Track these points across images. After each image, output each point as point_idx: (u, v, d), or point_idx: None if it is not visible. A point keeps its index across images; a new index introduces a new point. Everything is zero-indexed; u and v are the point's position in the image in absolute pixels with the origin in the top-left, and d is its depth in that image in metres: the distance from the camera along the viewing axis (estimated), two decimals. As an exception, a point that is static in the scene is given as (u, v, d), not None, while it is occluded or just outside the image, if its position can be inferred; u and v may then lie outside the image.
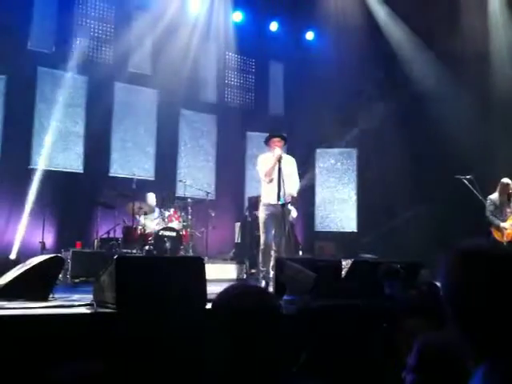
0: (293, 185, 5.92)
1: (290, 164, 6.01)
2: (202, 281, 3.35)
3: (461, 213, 8.18)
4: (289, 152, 6.89)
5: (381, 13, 10.62)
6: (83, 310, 3.12)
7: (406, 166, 9.64)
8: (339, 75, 10.15)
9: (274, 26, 11.32)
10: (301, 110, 10.76)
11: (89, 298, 3.41)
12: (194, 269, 3.37)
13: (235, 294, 1.49)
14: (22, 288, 3.55)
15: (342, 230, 10.77)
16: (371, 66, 10.27)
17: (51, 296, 3.68)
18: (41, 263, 3.68)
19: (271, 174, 5.75)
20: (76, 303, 3.31)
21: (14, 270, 3.75)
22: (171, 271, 3.28)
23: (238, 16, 10.94)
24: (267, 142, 5.99)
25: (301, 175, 6.47)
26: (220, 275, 7.23)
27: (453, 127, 8.70)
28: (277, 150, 5.77)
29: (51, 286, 3.67)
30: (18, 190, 8.33)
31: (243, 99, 11.25)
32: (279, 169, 5.65)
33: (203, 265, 3.44)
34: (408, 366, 1.65)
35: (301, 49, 11.38)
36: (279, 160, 5.67)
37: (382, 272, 4.17)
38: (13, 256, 7.41)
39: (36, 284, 3.59)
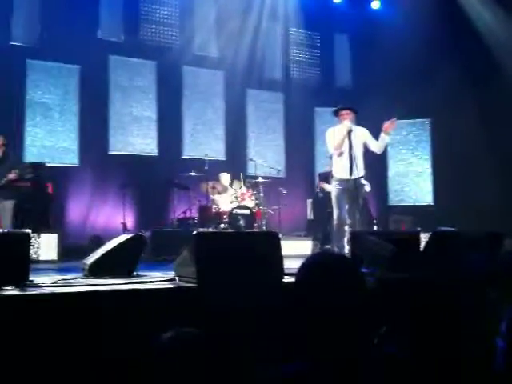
0: (376, 145, 5.74)
1: (362, 136, 5.82)
2: (278, 255, 3.38)
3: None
4: (359, 125, 6.74)
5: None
6: (166, 284, 3.24)
7: (483, 134, 9.19)
8: (407, 44, 9.77)
9: (337, -2, 11.05)
10: (369, 82, 10.47)
11: (170, 274, 3.54)
12: (271, 243, 3.40)
13: (318, 260, 1.51)
14: (108, 266, 3.73)
15: (417, 204, 10.47)
16: (440, 32, 9.81)
17: (135, 273, 3.84)
18: (124, 242, 3.85)
19: (341, 147, 5.61)
20: (159, 279, 3.44)
21: (100, 249, 3.95)
22: (248, 246, 3.33)
23: (300, -10, 10.76)
24: (336, 114, 5.86)
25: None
26: (294, 251, 7.26)
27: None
28: (346, 122, 5.62)
29: (135, 263, 3.83)
30: (98, 175, 8.78)
31: (309, 74, 11.12)
32: (350, 142, 5.53)
33: (279, 239, 3.46)
34: (500, 333, 1.60)
35: (366, 19, 11.03)
36: (349, 133, 5.55)
37: (463, 243, 4.02)
38: (96, 237, 7.79)
39: (121, 262, 3.77)
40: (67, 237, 7.73)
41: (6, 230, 4.89)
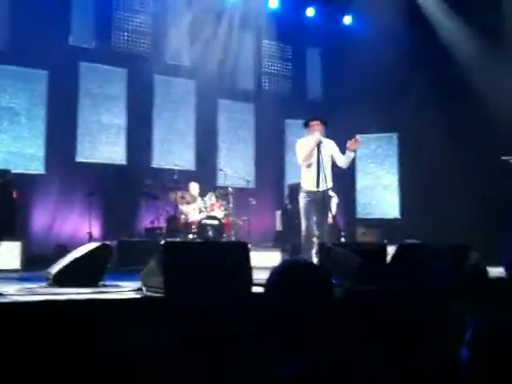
0: (342, 160, 5.81)
1: (330, 148, 5.89)
2: (247, 265, 3.38)
3: (509, 196, 7.94)
4: (329, 137, 6.80)
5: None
6: (132, 294, 3.20)
7: (450, 149, 9.39)
8: (378, 59, 9.95)
9: (310, 12, 11.21)
10: (340, 96, 10.61)
11: (137, 284, 3.49)
12: (239, 253, 3.40)
13: (288, 266, 1.52)
14: (74, 275, 3.66)
15: (384, 217, 10.63)
16: (410, 47, 10.04)
17: (100, 283, 3.78)
18: (90, 251, 3.79)
19: (310, 158, 5.66)
20: (125, 289, 3.39)
21: (66, 258, 3.87)
22: (217, 256, 3.32)
23: (273, 3, 10.87)
24: (306, 125, 5.91)
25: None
26: (263, 263, 7.24)
27: (498, 104, 8.43)
28: (316, 133, 5.68)
29: (101, 272, 3.77)
30: (65, 183, 8.61)
31: (281, 86, 11.21)
32: (318, 154, 5.57)
33: (248, 249, 3.47)
34: (465, 342, 1.64)
35: (338, 34, 11.21)
36: (318, 144, 5.59)
37: (428, 255, 4.09)
38: (61, 246, 7.62)
39: (86, 271, 3.71)
40: (31, 246, 7.55)
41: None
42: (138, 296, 3.14)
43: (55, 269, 3.71)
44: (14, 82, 8.65)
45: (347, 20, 11.43)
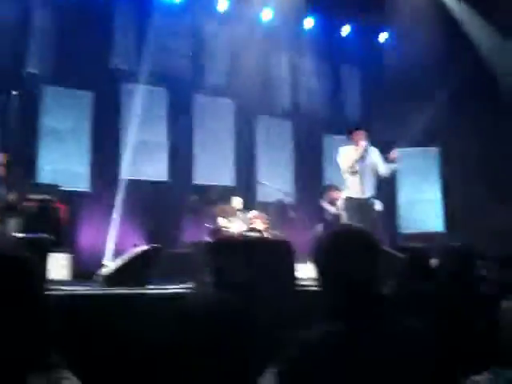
0: (385, 169, 5.81)
1: (374, 156, 5.91)
2: (290, 262, 3.41)
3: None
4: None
5: (456, 7, 10.35)
6: (181, 291, 3.26)
7: (492, 160, 9.25)
8: (415, 74, 9.97)
9: (345, 30, 11.35)
10: (377, 112, 10.63)
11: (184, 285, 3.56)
12: (283, 251, 3.44)
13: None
14: (123, 277, 3.76)
15: (427, 231, 10.45)
16: (448, 62, 10.00)
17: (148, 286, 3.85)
18: (139, 253, 3.89)
19: (354, 166, 5.70)
20: (173, 287, 3.46)
21: (116, 260, 3.98)
22: (262, 253, 3.36)
23: (309, 22, 11.05)
24: (350, 134, 5.94)
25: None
26: (304, 275, 7.23)
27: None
28: (361, 142, 5.71)
29: (149, 274, 3.86)
30: (110, 200, 8.83)
31: (318, 103, 11.29)
32: (363, 162, 5.60)
33: (291, 247, 3.50)
34: None
35: (375, 51, 11.33)
36: (364, 152, 5.62)
37: (475, 257, 4.01)
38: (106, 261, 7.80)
39: (135, 272, 3.80)
40: (78, 261, 7.74)
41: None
42: (187, 291, 3.21)
43: (105, 271, 3.82)
44: (61, 102, 9.00)
45: (383, 37, 11.49)
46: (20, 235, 4.59)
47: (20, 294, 1.18)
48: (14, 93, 5.68)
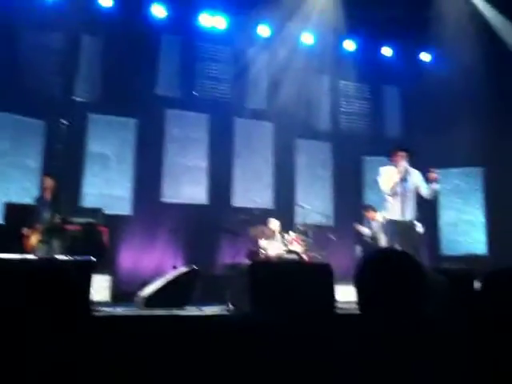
0: (426, 191, 5.73)
1: (415, 178, 5.85)
2: (330, 286, 3.40)
3: None
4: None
5: (501, 25, 10.20)
6: (221, 312, 3.29)
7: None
8: (457, 94, 9.83)
9: (386, 51, 11.33)
10: (419, 132, 10.50)
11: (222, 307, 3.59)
12: (323, 274, 3.43)
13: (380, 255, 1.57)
14: (163, 298, 3.83)
15: (470, 253, 10.17)
16: (491, 81, 9.82)
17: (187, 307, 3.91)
18: (179, 275, 3.96)
19: (395, 187, 5.64)
20: (213, 309, 3.50)
21: (155, 282, 4.06)
22: (301, 276, 3.36)
23: (349, 45, 11.09)
24: (391, 155, 5.89)
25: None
26: (345, 297, 7.15)
27: None
28: (402, 162, 5.66)
29: (189, 296, 3.91)
30: (150, 223, 9.02)
31: (358, 125, 11.27)
32: (404, 183, 5.54)
33: (331, 271, 3.48)
34: None
35: (416, 71, 11.23)
36: (405, 174, 5.56)
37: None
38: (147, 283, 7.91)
39: (175, 294, 3.86)
40: (119, 282, 7.90)
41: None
42: (226, 313, 3.23)
43: (145, 292, 3.89)
44: (106, 129, 9.33)
45: (424, 57, 11.42)
46: (66, 257, 4.73)
47: (69, 313, 1.24)
48: (62, 121, 5.89)
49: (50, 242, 6.64)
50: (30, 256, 6.07)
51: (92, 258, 3.34)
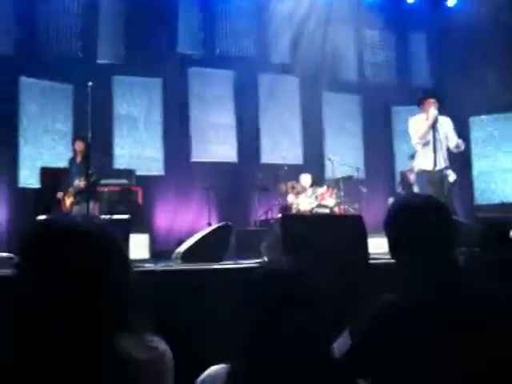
0: (453, 143, 5.61)
1: (446, 126, 5.71)
2: (363, 237, 3.42)
3: None
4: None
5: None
6: (255, 265, 3.37)
7: None
8: (486, 38, 9.50)
9: (410, -4, 10.94)
10: (448, 79, 10.21)
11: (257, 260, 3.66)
12: (355, 225, 3.45)
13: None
14: (200, 253, 3.93)
15: (506, 201, 10.00)
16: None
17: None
18: (213, 230, 4.05)
19: (426, 136, 5.52)
20: (247, 261, 3.58)
21: (191, 238, 4.16)
22: (333, 228, 3.39)
23: (374, -6, 10.75)
24: (420, 103, 5.75)
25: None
26: (377, 249, 7.18)
27: None
28: (432, 109, 5.52)
29: (224, 250, 4.01)
30: (183, 182, 9.15)
31: (385, 75, 11.02)
32: (434, 131, 5.43)
33: (363, 223, 3.50)
34: None
35: (442, 16, 10.82)
36: (435, 122, 5.44)
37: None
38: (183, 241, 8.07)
39: (211, 249, 3.96)
40: (156, 241, 8.08)
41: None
42: (259, 265, 3.31)
43: (183, 248, 4.00)
44: (132, 90, 9.37)
45: (451, 2, 10.98)
46: (104, 216, 4.87)
47: (109, 269, 1.29)
48: (88, 84, 5.93)
49: (85, 204, 6.77)
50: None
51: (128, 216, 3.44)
